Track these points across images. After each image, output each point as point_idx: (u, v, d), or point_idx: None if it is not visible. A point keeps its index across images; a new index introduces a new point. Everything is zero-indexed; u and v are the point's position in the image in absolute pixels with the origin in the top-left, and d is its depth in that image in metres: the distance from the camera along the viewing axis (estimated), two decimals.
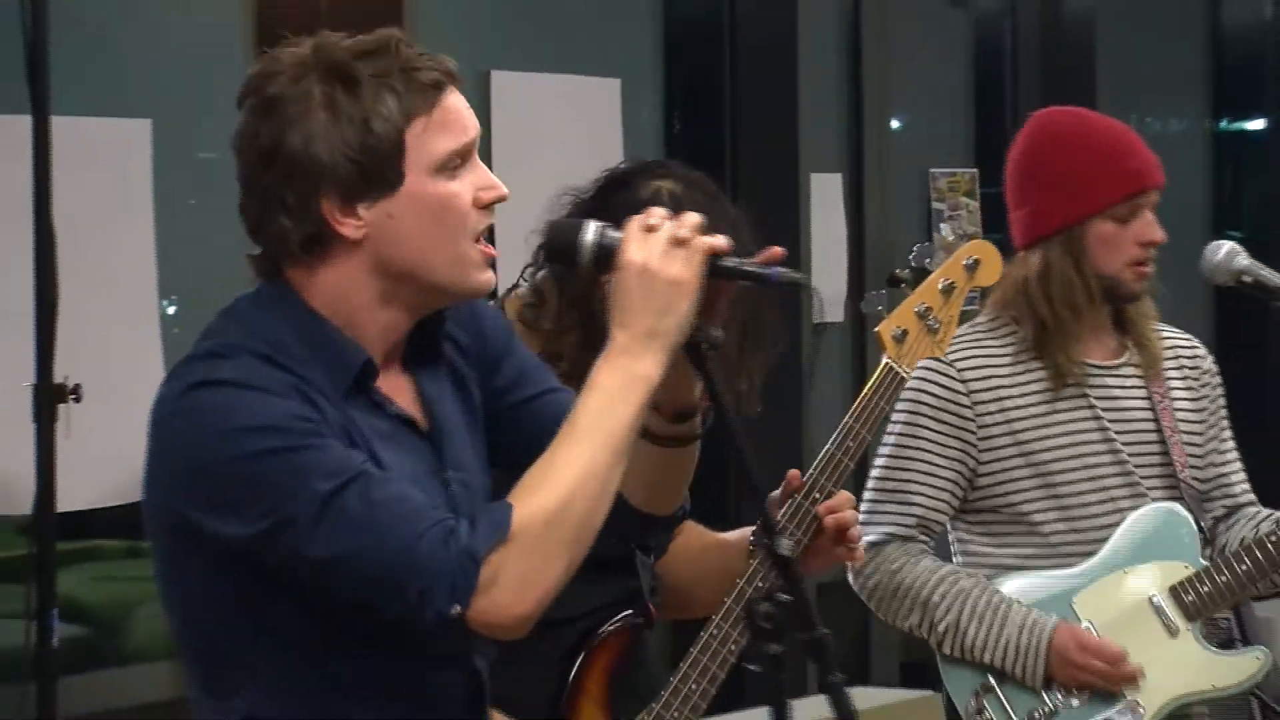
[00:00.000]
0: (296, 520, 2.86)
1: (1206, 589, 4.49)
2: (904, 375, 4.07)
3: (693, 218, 2.97)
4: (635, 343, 2.92)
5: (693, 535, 3.96)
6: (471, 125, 3.00)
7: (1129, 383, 4.59)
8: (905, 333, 4.09)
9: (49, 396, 5.27)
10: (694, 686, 3.79)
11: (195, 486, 2.93)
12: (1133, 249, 4.50)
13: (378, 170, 2.93)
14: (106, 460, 5.70)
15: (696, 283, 2.92)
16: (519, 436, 3.10)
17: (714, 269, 2.94)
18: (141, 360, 5.89)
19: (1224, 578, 4.49)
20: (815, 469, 3.89)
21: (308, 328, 2.98)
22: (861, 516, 4.50)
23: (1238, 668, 4.56)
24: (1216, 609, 4.55)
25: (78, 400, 5.30)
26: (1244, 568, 4.50)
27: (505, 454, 3.10)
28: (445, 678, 3.09)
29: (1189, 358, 4.70)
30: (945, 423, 4.55)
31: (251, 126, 2.99)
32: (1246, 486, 4.72)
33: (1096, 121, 4.68)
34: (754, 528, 3.83)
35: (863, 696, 7.19)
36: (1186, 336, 4.74)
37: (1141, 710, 4.48)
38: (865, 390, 4.06)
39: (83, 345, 5.47)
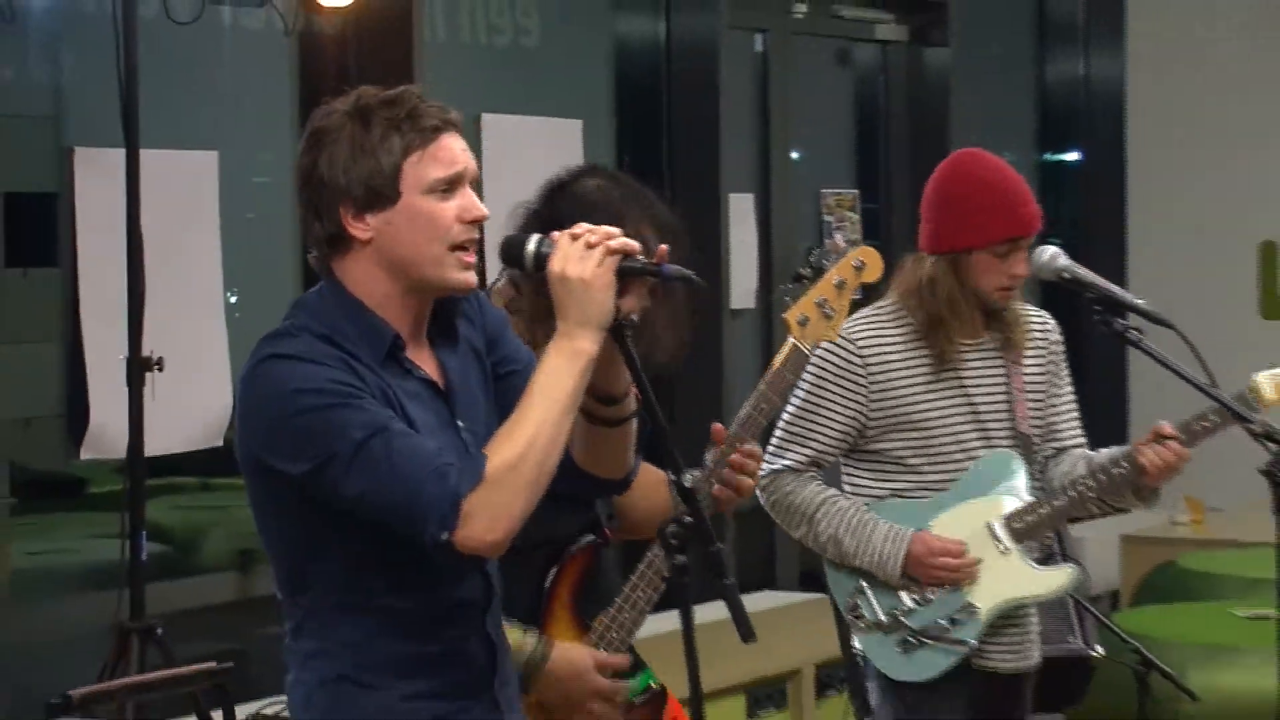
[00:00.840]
0: (336, 461, 2.94)
1: (1031, 519, 4.50)
2: (806, 352, 4.09)
3: (606, 229, 3.00)
4: (571, 328, 2.98)
5: (649, 474, 3.93)
6: (461, 160, 3.07)
7: (989, 355, 4.57)
8: (807, 319, 4.10)
9: (138, 367, 5.27)
10: (640, 594, 3.80)
11: (265, 434, 3.02)
12: (1004, 278, 4.47)
13: (380, 189, 3.02)
14: (183, 416, 5.69)
15: (607, 278, 2.97)
16: (505, 400, 3.12)
17: (621, 269, 2.98)
18: (210, 339, 5.88)
19: (1044, 510, 4.50)
20: (735, 425, 3.90)
21: (354, 313, 3.06)
22: (769, 450, 4.52)
23: (1052, 580, 4.56)
24: (1038, 534, 4.55)
25: (161, 370, 5.30)
26: (1060, 504, 4.51)
27: (499, 411, 3.12)
28: (464, 579, 3.13)
29: (1040, 331, 4.66)
30: (845, 386, 4.54)
31: (302, 154, 3.08)
32: (1075, 433, 4.70)
33: (1000, 170, 4.58)
34: (696, 471, 3.87)
35: (769, 598, 7.22)
36: (1040, 313, 4.71)
37: (977, 609, 4.49)
38: (774, 363, 4.07)
39: (164, 327, 5.45)
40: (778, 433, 4.59)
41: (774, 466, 4.53)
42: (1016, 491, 4.53)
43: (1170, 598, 7.89)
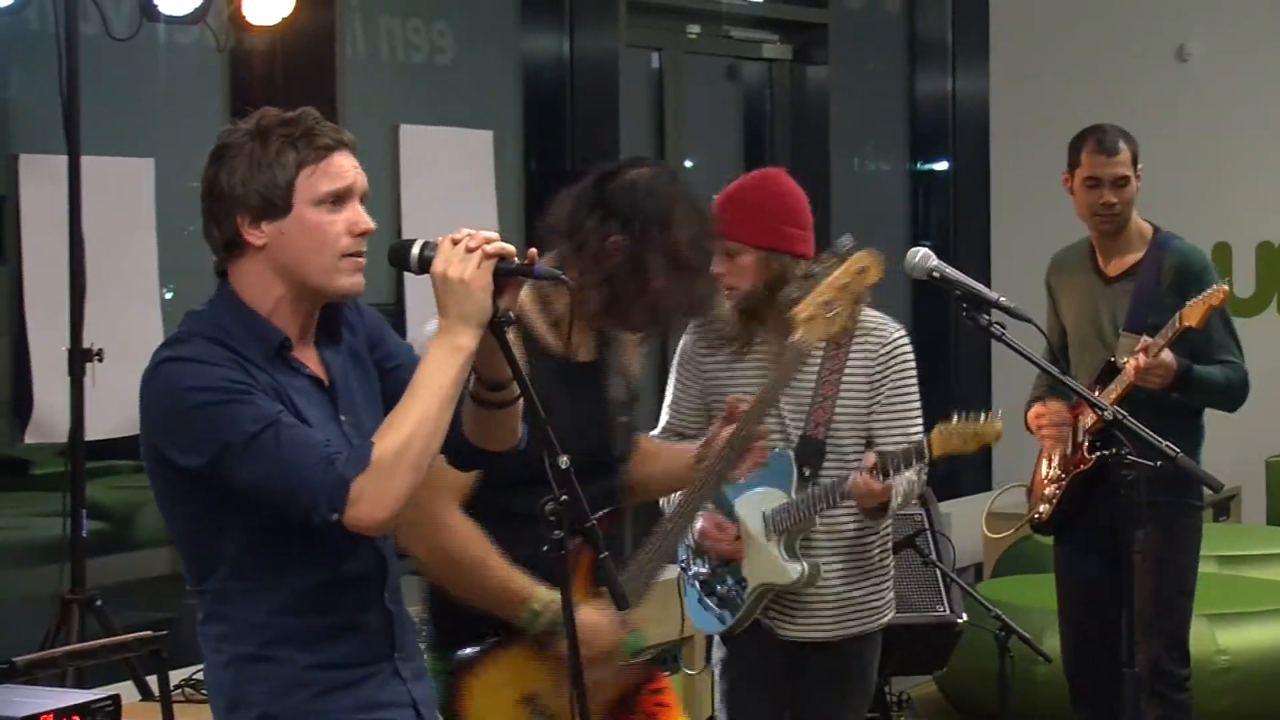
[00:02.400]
0: (229, 452, 2.94)
1: (787, 518, 4.44)
2: (809, 348, 4.06)
3: (485, 234, 3.01)
4: (452, 324, 2.98)
5: (645, 445, 4.01)
6: (349, 176, 3.08)
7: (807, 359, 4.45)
8: (813, 317, 4.09)
9: (79, 357, 5.24)
10: (650, 560, 3.81)
11: (163, 430, 3.01)
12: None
13: (274, 199, 3.02)
14: (120, 403, 5.59)
15: (485, 279, 2.97)
16: (393, 391, 3.11)
17: (497, 270, 2.98)
18: (146, 331, 5.83)
19: (795, 513, 4.44)
20: (747, 409, 3.91)
21: (244, 318, 3.06)
22: None
23: (785, 572, 4.48)
24: (795, 529, 4.47)
25: (100, 360, 5.27)
26: (803, 510, 4.43)
27: (387, 402, 3.11)
28: (356, 555, 3.12)
29: (877, 337, 4.52)
30: (689, 369, 4.60)
31: (207, 168, 3.09)
32: (891, 439, 4.50)
33: (744, 180, 4.63)
34: (696, 444, 3.95)
35: (668, 570, 7.20)
36: (883, 319, 4.57)
37: (745, 582, 4.50)
38: (784, 358, 4.05)
39: (104, 320, 5.43)
40: None
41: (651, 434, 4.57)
42: (786, 489, 4.48)
43: (1029, 569, 7.96)
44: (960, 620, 6.03)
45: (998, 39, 10.02)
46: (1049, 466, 5.60)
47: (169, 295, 6.00)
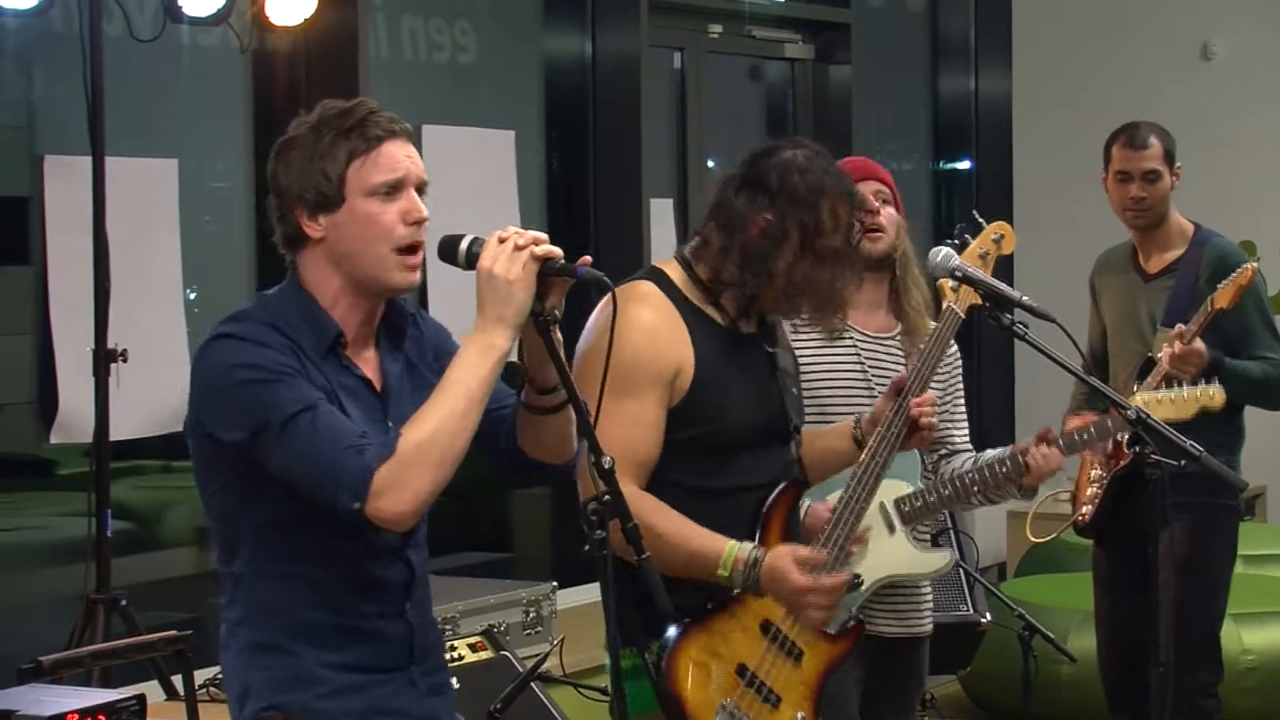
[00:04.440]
0: (269, 429, 2.96)
1: (918, 503, 4.43)
2: (960, 314, 4.05)
3: (533, 234, 3.02)
4: (488, 323, 2.99)
5: (810, 435, 4.02)
6: (403, 166, 3.10)
7: (893, 352, 4.54)
8: (958, 285, 4.09)
9: (104, 358, 5.25)
10: (841, 529, 3.79)
11: (207, 404, 3.05)
12: None
13: (326, 193, 3.05)
14: (144, 403, 5.66)
15: (529, 279, 2.98)
16: None
17: (543, 269, 3.00)
18: (169, 332, 5.85)
19: (931, 498, 4.42)
20: (910, 379, 3.92)
21: (304, 309, 3.09)
22: None
23: (929, 561, 4.49)
24: (924, 518, 4.48)
25: (124, 360, 5.28)
26: (946, 493, 4.40)
27: None
28: (383, 558, 3.13)
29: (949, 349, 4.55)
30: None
31: (270, 163, 3.14)
32: (964, 439, 4.63)
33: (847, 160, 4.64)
34: (851, 423, 4.00)
35: None
36: None
37: (860, 580, 4.43)
38: (937, 325, 4.07)
39: (128, 321, 5.44)
40: None
41: None
42: (909, 477, 4.47)
43: (1052, 569, 7.96)
44: (984, 620, 6.02)
45: (1021, 38, 10.01)
46: (1092, 468, 5.55)
47: (192, 295, 6.00)
